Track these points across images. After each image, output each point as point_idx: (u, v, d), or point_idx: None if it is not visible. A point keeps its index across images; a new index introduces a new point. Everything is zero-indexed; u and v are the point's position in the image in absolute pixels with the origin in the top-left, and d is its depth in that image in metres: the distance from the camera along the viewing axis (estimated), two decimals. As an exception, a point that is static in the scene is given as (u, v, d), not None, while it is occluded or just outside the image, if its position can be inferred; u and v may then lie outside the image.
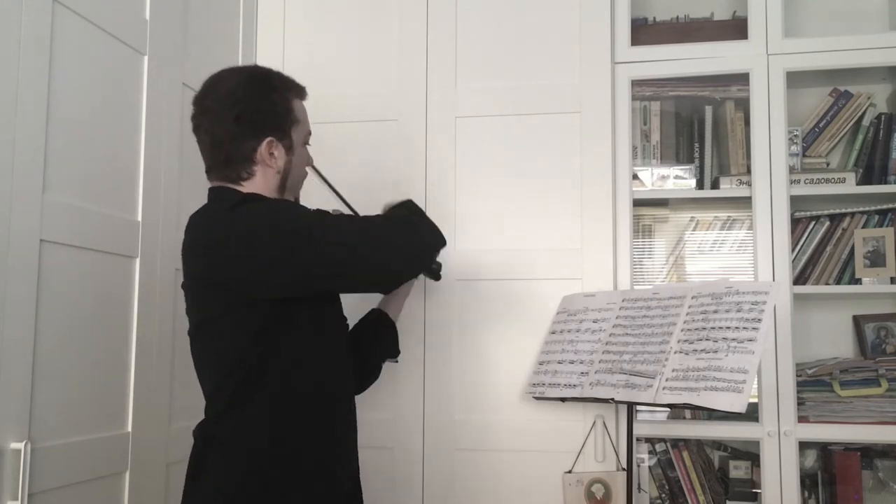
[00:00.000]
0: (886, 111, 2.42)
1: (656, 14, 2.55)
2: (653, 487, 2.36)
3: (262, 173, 1.51)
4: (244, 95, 1.49)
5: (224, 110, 1.48)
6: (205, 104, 1.51)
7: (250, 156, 1.49)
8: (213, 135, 1.50)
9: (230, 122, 1.47)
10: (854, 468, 2.27)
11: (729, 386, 1.69)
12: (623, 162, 2.30)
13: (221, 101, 1.48)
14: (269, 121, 1.51)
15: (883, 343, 2.38)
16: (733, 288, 1.87)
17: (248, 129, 1.48)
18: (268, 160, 1.51)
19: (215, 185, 1.54)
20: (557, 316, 2.19)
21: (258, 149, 1.49)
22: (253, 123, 1.49)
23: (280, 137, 1.52)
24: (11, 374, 1.48)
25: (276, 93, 1.52)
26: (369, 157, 2.38)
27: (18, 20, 1.53)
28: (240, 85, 1.50)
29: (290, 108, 1.54)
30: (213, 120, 1.49)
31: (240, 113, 1.47)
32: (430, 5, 2.40)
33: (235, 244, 1.39)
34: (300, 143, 1.58)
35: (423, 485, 2.26)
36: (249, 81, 1.51)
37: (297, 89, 1.58)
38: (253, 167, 1.50)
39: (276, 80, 1.54)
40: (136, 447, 1.85)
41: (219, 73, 1.54)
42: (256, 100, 1.49)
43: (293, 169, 1.56)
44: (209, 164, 1.53)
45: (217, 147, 1.50)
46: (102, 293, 1.77)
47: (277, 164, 1.52)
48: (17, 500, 1.45)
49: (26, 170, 1.53)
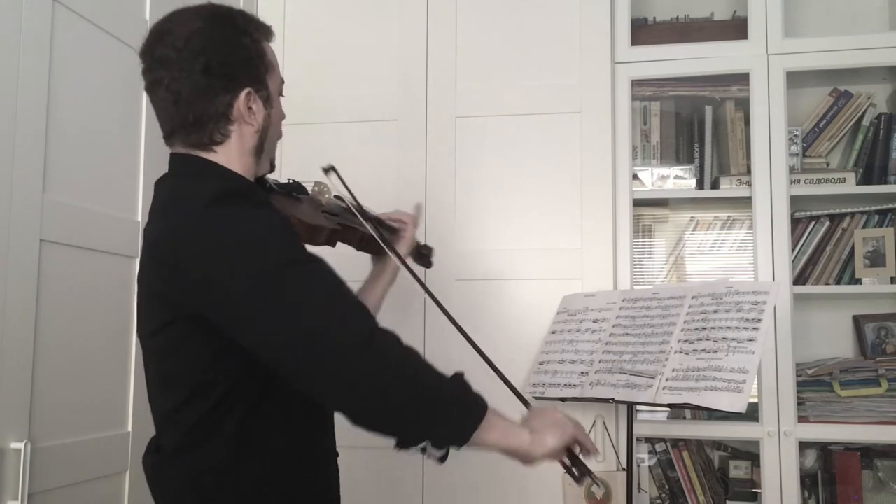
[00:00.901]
0: (886, 111, 2.42)
1: (656, 14, 2.55)
2: (653, 487, 2.36)
3: (238, 134, 1.24)
4: (210, 41, 1.20)
5: (187, 60, 1.19)
6: (159, 54, 1.20)
7: (225, 112, 1.22)
8: (176, 92, 1.20)
9: (198, 75, 1.19)
10: (854, 468, 2.27)
11: (729, 386, 1.69)
12: (623, 162, 2.30)
13: (182, 50, 1.19)
14: (244, 68, 1.23)
15: (883, 343, 2.38)
16: (733, 288, 1.87)
17: (220, 81, 1.20)
18: (246, 116, 1.24)
19: (180, 153, 1.26)
20: (557, 316, 2.19)
21: (234, 103, 1.22)
22: (226, 73, 1.21)
23: (258, 88, 1.25)
24: (11, 374, 1.48)
25: (246, 35, 1.24)
26: (369, 157, 2.38)
27: (18, 20, 1.53)
28: (202, 28, 1.21)
29: (263, 52, 1.27)
30: (175, 73, 1.19)
31: (208, 62, 1.19)
32: (430, 5, 2.40)
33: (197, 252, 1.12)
34: (276, 94, 1.31)
35: (423, 485, 2.26)
36: (213, 23, 1.22)
37: (265, 29, 1.29)
38: (228, 126, 1.23)
39: (240, 19, 1.26)
40: (136, 447, 1.85)
41: (168, 15, 1.24)
42: (225, 45, 1.21)
43: (272, 125, 1.30)
44: (171, 127, 1.24)
45: (183, 106, 1.21)
46: (102, 293, 1.77)
47: (256, 120, 1.25)
48: (17, 500, 1.45)
49: (26, 170, 1.53)
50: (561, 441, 1.20)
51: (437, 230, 2.32)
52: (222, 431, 1.16)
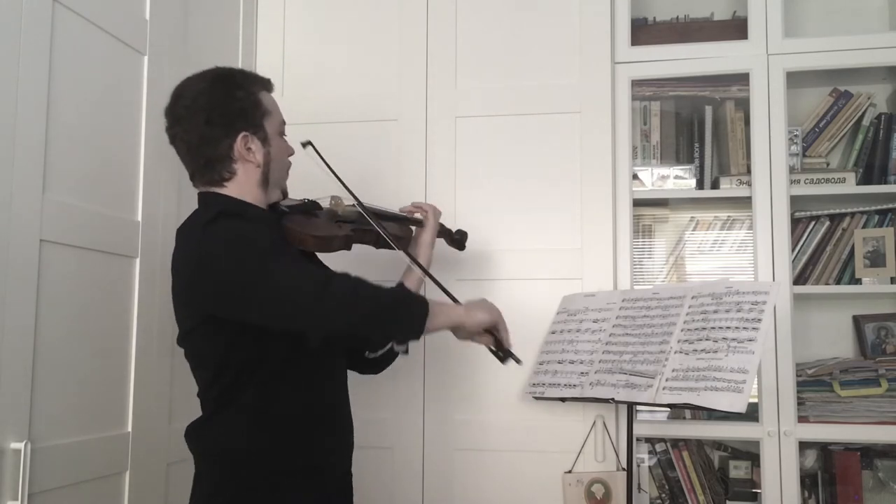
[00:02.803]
0: (886, 111, 2.42)
1: (656, 14, 2.55)
2: (653, 487, 2.36)
3: (243, 170, 1.53)
4: (210, 97, 1.51)
5: (193, 115, 1.50)
6: (175, 113, 1.53)
7: (228, 154, 1.51)
8: (187, 141, 1.52)
9: (202, 126, 1.50)
10: (854, 468, 2.27)
11: (729, 386, 1.69)
12: (623, 162, 2.30)
13: (189, 108, 1.50)
14: (239, 116, 1.52)
15: (883, 343, 2.38)
16: (733, 288, 1.87)
17: (219, 129, 1.50)
18: (246, 155, 1.52)
19: (201, 191, 1.56)
20: (557, 316, 2.19)
21: (234, 146, 1.51)
22: (223, 122, 1.50)
23: (253, 131, 1.53)
24: (11, 374, 1.48)
25: (240, 89, 1.53)
26: (369, 157, 2.38)
27: (18, 20, 1.53)
28: (205, 88, 1.52)
29: (257, 101, 1.55)
30: (185, 127, 1.51)
31: (209, 115, 1.49)
32: (430, 5, 2.40)
33: (196, 265, 1.43)
34: (275, 134, 1.58)
35: (423, 485, 2.26)
36: (213, 83, 1.53)
37: (263, 82, 1.59)
38: (233, 165, 1.52)
39: (239, 76, 1.56)
40: (136, 447, 1.85)
41: (183, 81, 1.56)
42: (222, 99, 1.51)
43: (273, 160, 1.57)
44: (191, 170, 1.56)
45: (194, 152, 1.52)
46: (102, 293, 1.77)
47: (256, 158, 1.53)
48: (17, 500, 1.45)
49: (26, 170, 1.53)
50: (489, 317, 1.54)
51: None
52: (238, 401, 1.48)
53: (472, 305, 1.56)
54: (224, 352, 1.47)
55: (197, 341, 1.51)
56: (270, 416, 1.49)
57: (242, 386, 1.48)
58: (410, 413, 2.28)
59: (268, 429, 1.49)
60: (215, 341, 1.47)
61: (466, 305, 1.56)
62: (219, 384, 1.49)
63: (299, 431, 1.52)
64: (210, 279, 1.40)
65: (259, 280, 1.37)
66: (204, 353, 1.51)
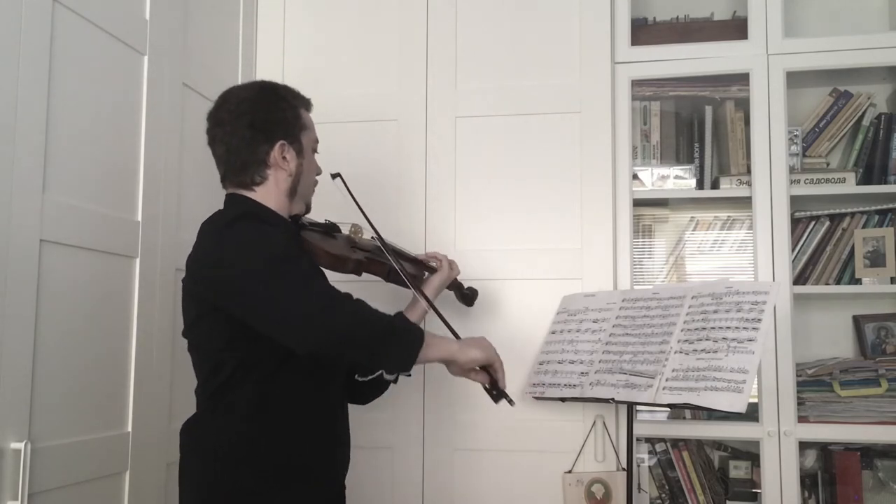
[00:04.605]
0: (886, 111, 2.42)
1: (656, 14, 2.55)
2: (653, 487, 2.36)
3: (274, 177, 1.59)
4: (256, 104, 1.58)
5: (237, 119, 1.57)
6: (218, 116, 1.59)
7: (264, 159, 1.58)
8: (227, 143, 1.58)
9: (244, 129, 1.56)
10: (854, 468, 2.27)
11: (729, 386, 1.69)
12: (623, 162, 2.30)
13: (234, 112, 1.57)
14: (280, 126, 1.59)
15: (883, 343, 2.38)
16: (733, 288, 1.87)
17: (261, 135, 1.57)
18: (280, 163, 1.59)
19: (229, 192, 1.62)
20: (557, 316, 2.19)
21: (271, 152, 1.58)
22: (265, 128, 1.57)
23: (291, 141, 1.60)
24: (11, 374, 1.48)
25: (284, 101, 1.62)
26: (369, 157, 2.38)
27: (18, 20, 1.53)
28: (251, 96, 1.60)
29: (298, 115, 1.63)
30: (228, 129, 1.57)
31: (252, 120, 1.56)
32: (430, 5, 2.40)
33: (210, 259, 1.48)
34: (309, 149, 1.66)
35: (423, 485, 2.26)
36: (261, 92, 1.61)
37: (304, 101, 1.67)
38: (266, 171, 1.58)
39: (283, 90, 1.64)
40: (136, 447, 1.85)
41: (230, 88, 1.64)
42: (267, 107, 1.59)
43: (304, 173, 1.64)
44: (224, 171, 1.61)
45: (232, 154, 1.58)
46: (102, 293, 1.77)
47: (289, 167, 1.60)
48: (17, 500, 1.45)
49: (26, 170, 1.53)
50: (482, 355, 1.57)
51: (437, 230, 2.32)
52: (233, 398, 1.50)
53: (468, 342, 1.59)
54: (224, 346, 1.50)
55: (199, 333, 1.55)
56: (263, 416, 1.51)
57: (238, 384, 1.50)
58: (410, 413, 2.28)
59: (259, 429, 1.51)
60: (216, 334, 1.50)
61: (462, 341, 1.59)
62: (215, 380, 1.52)
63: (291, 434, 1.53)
64: (215, 276, 1.45)
65: (262, 283, 1.41)
66: (205, 345, 1.55)
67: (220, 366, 1.51)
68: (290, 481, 1.51)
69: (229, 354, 1.50)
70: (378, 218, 1.75)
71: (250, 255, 1.43)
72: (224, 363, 1.50)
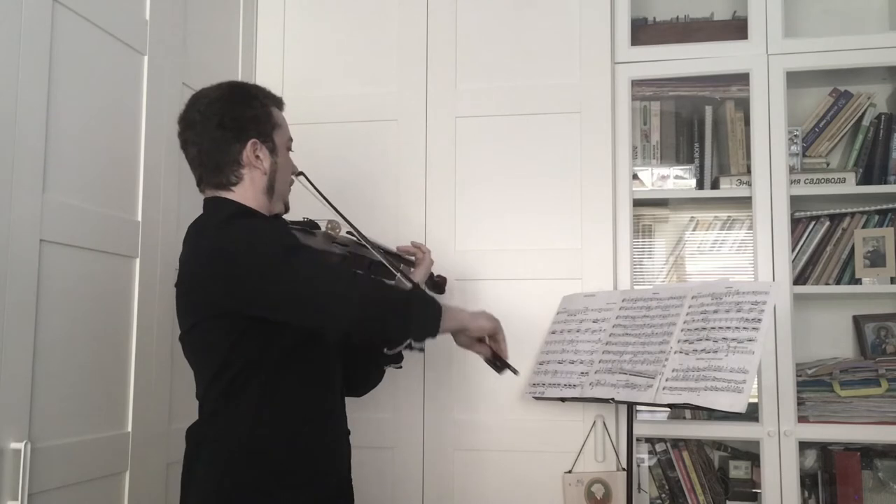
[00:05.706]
0: (886, 111, 2.42)
1: (656, 14, 2.55)
2: (653, 487, 2.36)
3: (249, 176, 1.57)
4: (225, 104, 1.56)
5: (207, 120, 1.54)
6: (189, 118, 1.57)
7: (237, 158, 1.55)
8: (199, 145, 1.56)
9: (214, 129, 1.54)
10: (854, 468, 2.27)
11: (729, 386, 1.69)
12: (623, 162, 2.30)
13: (203, 112, 1.55)
14: (251, 124, 1.57)
15: (883, 343, 2.38)
16: (733, 288, 1.87)
17: (231, 134, 1.54)
18: (254, 161, 1.56)
19: (209, 196, 1.59)
20: (557, 316, 2.19)
21: (244, 151, 1.55)
22: (235, 127, 1.55)
23: (263, 140, 1.58)
24: (11, 374, 1.48)
25: (255, 100, 1.60)
26: (369, 157, 2.38)
27: (18, 20, 1.53)
28: (220, 95, 1.57)
29: (269, 113, 1.61)
30: (199, 131, 1.55)
31: (222, 120, 1.54)
32: (430, 5, 2.40)
33: (208, 260, 1.46)
34: (283, 147, 1.63)
35: (423, 485, 2.26)
36: (229, 92, 1.59)
37: (276, 99, 1.65)
38: (241, 170, 1.56)
39: (253, 89, 1.63)
40: (136, 447, 1.85)
41: (199, 90, 1.61)
42: (237, 106, 1.57)
43: (279, 171, 1.61)
44: (199, 174, 1.59)
45: (205, 156, 1.56)
46: (102, 293, 1.77)
47: (263, 166, 1.57)
48: (17, 500, 1.45)
49: (26, 170, 1.53)
50: (490, 325, 1.63)
51: (437, 230, 2.32)
52: (240, 400, 1.49)
53: (476, 313, 1.64)
54: (228, 348, 1.48)
55: (198, 339, 1.53)
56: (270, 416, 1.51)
57: (243, 385, 1.49)
58: (410, 413, 2.28)
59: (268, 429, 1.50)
60: (218, 339, 1.48)
61: (471, 312, 1.63)
62: (220, 383, 1.50)
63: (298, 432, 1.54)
64: (225, 273, 1.43)
65: (284, 273, 1.41)
66: (206, 350, 1.52)
67: (224, 368, 1.49)
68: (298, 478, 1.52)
69: (234, 356, 1.48)
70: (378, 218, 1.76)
71: (264, 248, 1.43)
72: (228, 365, 1.49)
